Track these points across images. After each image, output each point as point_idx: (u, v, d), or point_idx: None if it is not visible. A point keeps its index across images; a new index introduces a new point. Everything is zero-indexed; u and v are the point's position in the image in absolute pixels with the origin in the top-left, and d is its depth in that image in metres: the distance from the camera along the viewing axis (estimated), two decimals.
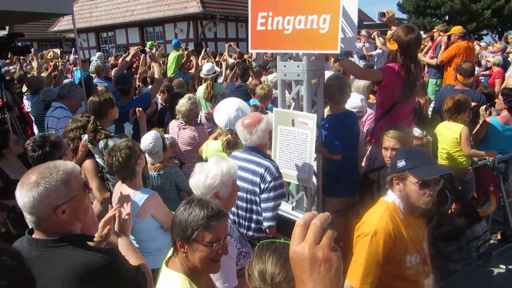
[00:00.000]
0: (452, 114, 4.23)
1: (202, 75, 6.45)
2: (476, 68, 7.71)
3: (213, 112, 4.61)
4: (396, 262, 2.12)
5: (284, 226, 0.84)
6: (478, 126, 4.82)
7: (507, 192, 4.89)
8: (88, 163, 3.69)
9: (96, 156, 3.66)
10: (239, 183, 2.76)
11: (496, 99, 5.34)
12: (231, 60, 9.17)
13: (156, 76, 4.98)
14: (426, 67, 8.18)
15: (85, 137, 3.65)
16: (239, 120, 2.88)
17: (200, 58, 9.63)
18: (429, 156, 2.24)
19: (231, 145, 3.15)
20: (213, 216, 1.70)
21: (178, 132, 4.45)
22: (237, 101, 3.46)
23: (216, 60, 9.88)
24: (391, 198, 2.22)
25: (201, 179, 2.17)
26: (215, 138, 3.67)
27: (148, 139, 3.41)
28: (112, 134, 3.60)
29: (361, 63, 9.11)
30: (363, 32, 10.48)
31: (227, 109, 3.35)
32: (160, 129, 3.74)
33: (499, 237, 5.04)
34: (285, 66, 3.18)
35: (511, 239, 4.69)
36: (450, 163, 4.33)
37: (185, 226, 1.70)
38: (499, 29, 28.94)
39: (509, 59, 8.73)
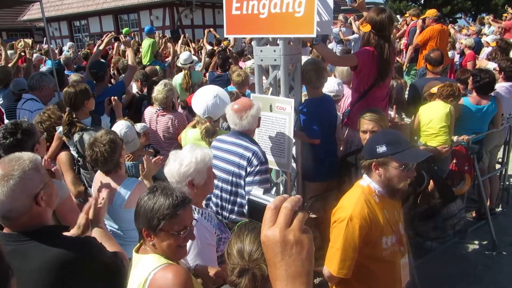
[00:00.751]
0: (442, 95, 4.28)
1: (179, 65, 6.35)
2: (451, 51, 7.84)
3: (189, 100, 4.56)
4: (373, 245, 2.14)
5: (255, 210, 0.83)
6: None
7: (481, 171, 5.03)
8: (63, 156, 3.60)
9: (71, 148, 3.58)
10: (224, 165, 2.77)
11: None
12: (209, 47, 9.04)
13: (129, 62, 4.86)
14: (404, 52, 8.28)
15: (60, 129, 3.56)
16: (228, 105, 2.87)
17: (179, 44, 9.45)
18: (407, 140, 2.23)
19: (210, 133, 3.12)
20: (178, 204, 1.67)
21: (157, 118, 4.37)
22: (215, 89, 3.42)
23: (192, 47, 9.72)
24: (366, 182, 2.22)
25: (175, 167, 2.15)
26: (194, 126, 3.62)
27: (121, 128, 3.33)
28: (88, 127, 3.51)
29: (338, 48, 9.14)
30: (340, 17, 10.49)
31: (205, 97, 3.31)
32: (125, 118, 3.66)
33: (474, 215, 5.21)
34: (261, 51, 3.15)
35: (485, 216, 4.83)
36: (434, 140, 4.40)
37: (150, 216, 1.66)
38: (473, 12, 29.48)
39: (482, 40, 8.89)
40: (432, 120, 4.32)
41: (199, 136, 3.26)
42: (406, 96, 5.44)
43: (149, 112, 4.47)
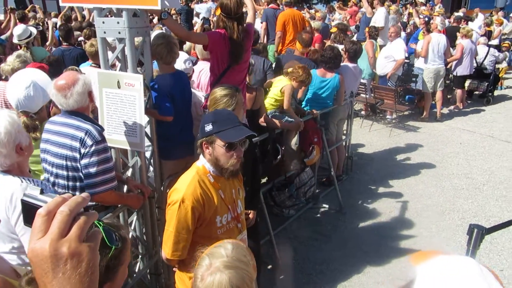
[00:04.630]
0: (289, 74, 4.49)
1: (15, 41, 5.58)
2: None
3: None
4: (206, 224, 2.17)
5: (31, 215, 0.70)
6: None
7: (330, 142, 5.61)
8: None
9: None
10: (57, 149, 2.51)
11: None
12: (54, 20, 8.12)
13: None
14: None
15: None
16: (51, 82, 2.55)
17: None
18: (234, 118, 2.24)
19: (30, 128, 2.78)
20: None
21: None
22: (30, 76, 2.96)
23: (36, 21, 8.63)
24: (201, 162, 2.22)
25: None
26: None
27: None
28: None
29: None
30: None
31: (16, 88, 2.89)
32: None
33: (324, 181, 5.80)
34: (103, 22, 2.91)
35: (333, 182, 5.42)
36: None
37: None
38: None
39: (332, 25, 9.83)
40: (271, 89, 4.63)
41: None
42: None
43: (2, 88, 3.89)
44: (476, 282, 0.86)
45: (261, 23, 7.85)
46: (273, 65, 5.65)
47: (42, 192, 0.78)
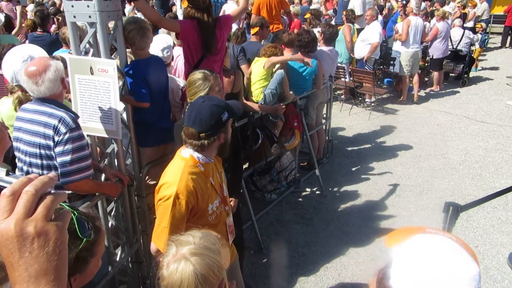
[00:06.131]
0: (266, 54, 4.58)
1: None
2: (284, 17, 8.37)
3: None
4: (199, 214, 2.14)
5: None
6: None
7: (310, 126, 5.63)
8: None
9: None
10: (30, 137, 2.44)
11: None
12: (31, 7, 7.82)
13: None
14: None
15: None
16: (22, 68, 2.46)
17: None
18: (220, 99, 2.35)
19: (22, 103, 2.70)
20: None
21: None
22: (28, 50, 2.95)
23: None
24: (188, 152, 2.15)
25: None
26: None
27: None
28: None
29: (180, 11, 8.90)
30: None
31: (13, 61, 2.85)
32: None
33: (305, 165, 5.84)
34: (72, 6, 2.80)
35: (314, 166, 5.45)
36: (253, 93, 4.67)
37: None
38: None
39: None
40: (253, 74, 4.61)
41: (12, 107, 2.82)
42: None
43: None
44: (454, 259, 0.87)
45: None
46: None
47: (8, 174, 0.78)
